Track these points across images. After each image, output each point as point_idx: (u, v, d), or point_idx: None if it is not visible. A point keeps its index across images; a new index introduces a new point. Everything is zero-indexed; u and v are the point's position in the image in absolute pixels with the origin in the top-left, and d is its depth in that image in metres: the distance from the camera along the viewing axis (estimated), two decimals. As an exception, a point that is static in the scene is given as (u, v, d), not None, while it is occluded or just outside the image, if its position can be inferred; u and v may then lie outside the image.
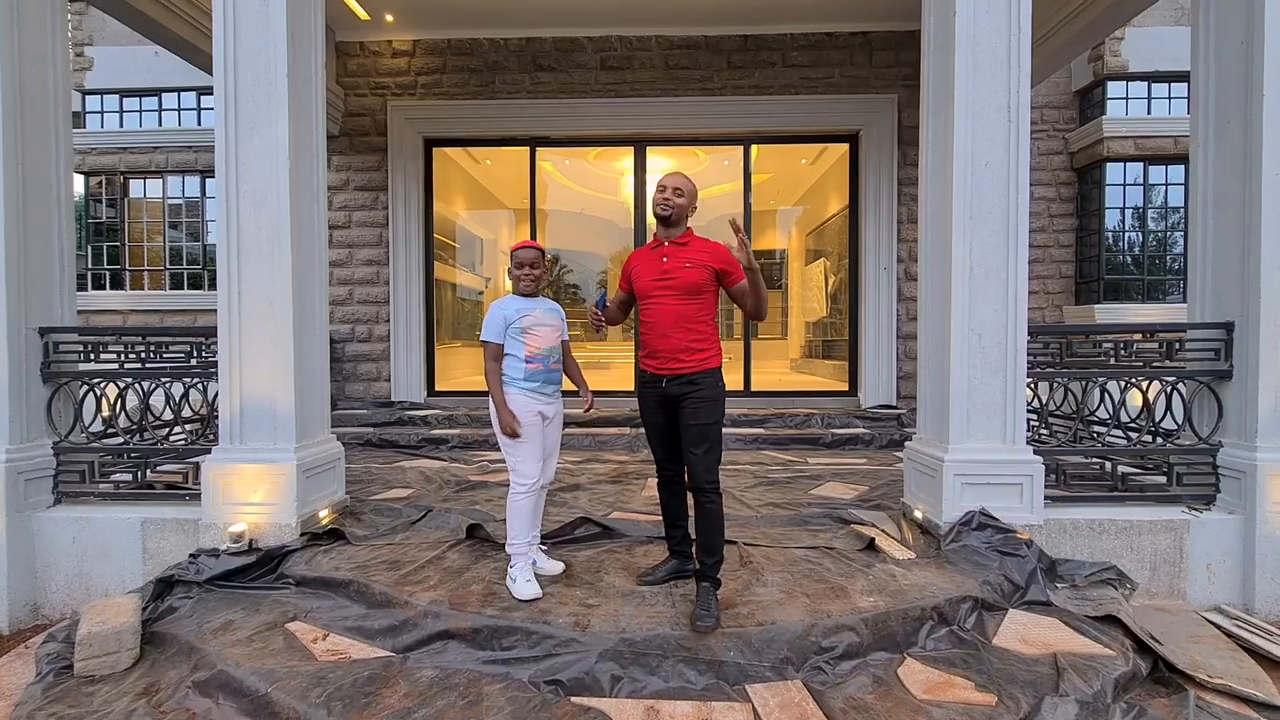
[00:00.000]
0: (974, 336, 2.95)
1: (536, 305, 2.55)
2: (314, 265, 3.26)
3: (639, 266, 2.48)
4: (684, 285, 2.35)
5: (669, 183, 2.40)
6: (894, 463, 4.81)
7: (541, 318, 2.54)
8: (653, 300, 2.40)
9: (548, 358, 2.53)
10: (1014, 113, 2.92)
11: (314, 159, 3.26)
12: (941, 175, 3.10)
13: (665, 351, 2.37)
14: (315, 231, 3.28)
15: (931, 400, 3.19)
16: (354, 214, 6.32)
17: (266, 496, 2.99)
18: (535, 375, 2.49)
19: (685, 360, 2.34)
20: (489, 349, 2.51)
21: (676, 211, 2.39)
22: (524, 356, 2.49)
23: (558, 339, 2.59)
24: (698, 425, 2.31)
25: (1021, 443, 2.95)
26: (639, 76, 6.16)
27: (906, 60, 6.06)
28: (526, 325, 2.51)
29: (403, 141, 6.24)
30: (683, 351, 2.34)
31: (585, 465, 4.72)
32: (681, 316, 2.35)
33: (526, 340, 2.50)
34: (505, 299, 2.56)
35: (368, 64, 6.28)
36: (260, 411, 3.03)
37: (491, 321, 2.51)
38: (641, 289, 2.45)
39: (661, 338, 2.37)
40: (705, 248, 2.40)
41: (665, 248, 2.42)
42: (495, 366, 2.51)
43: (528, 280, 2.51)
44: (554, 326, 2.57)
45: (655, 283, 2.39)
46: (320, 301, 3.31)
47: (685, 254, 2.38)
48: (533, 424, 2.48)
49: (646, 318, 2.43)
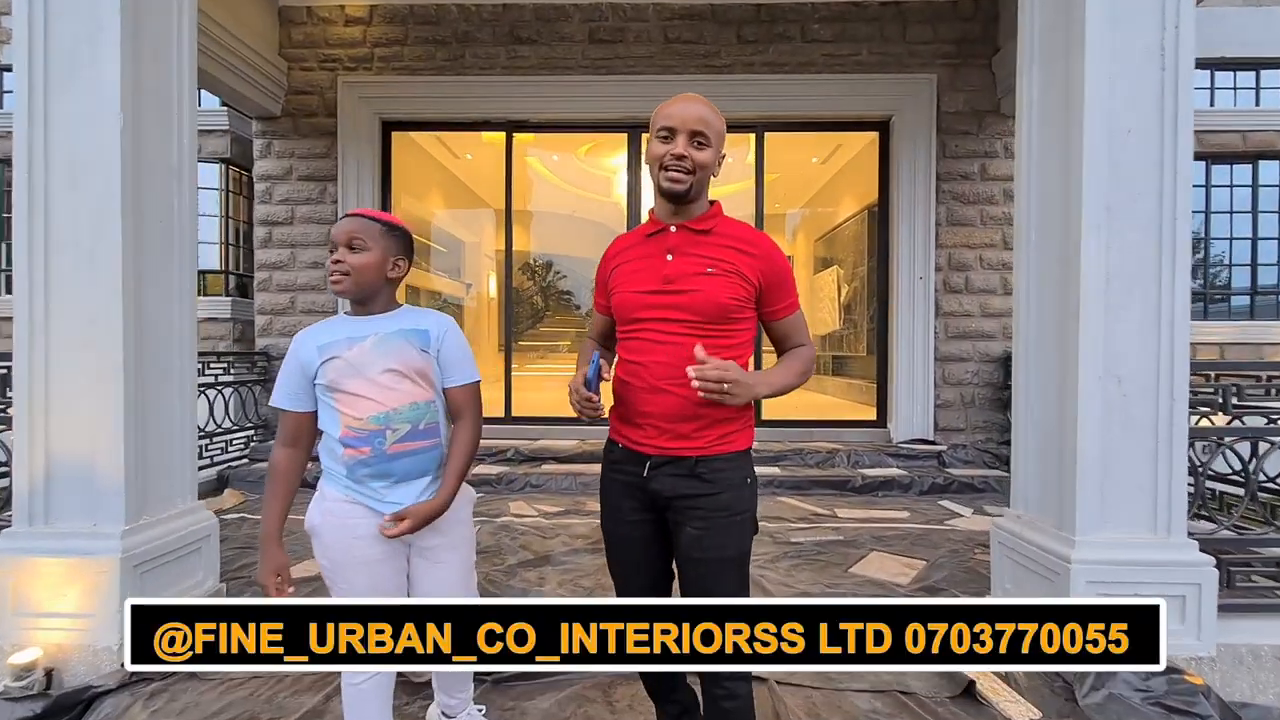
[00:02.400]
0: (1111, 381, 2.04)
1: (366, 330, 1.43)
2: (172, 268, 2.32)
3: (623, 266, 1.40)
4: (701, 305, 1.28)
5: (682, 117, 1.28)
6: (942, 516, 3.89)
7: (368, 357, 1.40)
8: (643, 328, 1.33)
9: (380, 436, 1.39)
10: (1170, 56, 2.02)
11: (173, 119, 2.33)
12: (1055, 151, 2.19)
13: (655, 415, 1.30)
14: (176, 222, 2.34)
15: (1038, 467, 2.27)
16: (297, 208, 5.38)
17: (78, 604, 2.04)
18: (360, 467, 1.40)
19: (690, 435, 1.29)
20: (280, 424, 1.48)
21: (698, 180, 1.30)
22: (337, 435, 1.40)
23: (410, 397, 1.42)
24: (710, 559, 1.26)
25: (1181, 533, 2.03)
26: (633, 51, 5.26)
27: (946, 35, 5.18)
28: (335, 378, 1.40)
29: (356, 124, 5.31)
30: (686, 419, 1.28)
31: (561, 521, 3.77)
32: (688, 355, 1.24)
33: (338, 403, 1.40)
34: (316, 325, 1.49)
35: (316, 33, 5.35)
36: (74, 479, 2.08)
37: (282, 371, 1.46)
38: (625, 306, 1.36)
39: (651, 392, 1.30)
40: (742, 238, 1.34)
41: (671, 236, 1.34)
42: (284, 458, 1.46)
43: (338, 276, 1.41)
44: (397, 371, 1.41)
45: (650, 297, 1.32)
46: (182, 318, 2.37)
47: (707, 249, 1.32)
48: (353, 551, 1.39)
49: (629, 354, 1.36)
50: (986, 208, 5.19)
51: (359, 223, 1.45)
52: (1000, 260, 5.18)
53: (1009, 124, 5.18)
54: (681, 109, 1.31)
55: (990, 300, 5.19)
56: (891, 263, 5.32)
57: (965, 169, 5.19)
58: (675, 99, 1.34)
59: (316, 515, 1.44)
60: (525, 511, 3.95)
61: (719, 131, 1.34)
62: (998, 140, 5.18)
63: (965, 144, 5.18)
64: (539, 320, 11.60)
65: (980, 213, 5.19)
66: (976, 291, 5.20)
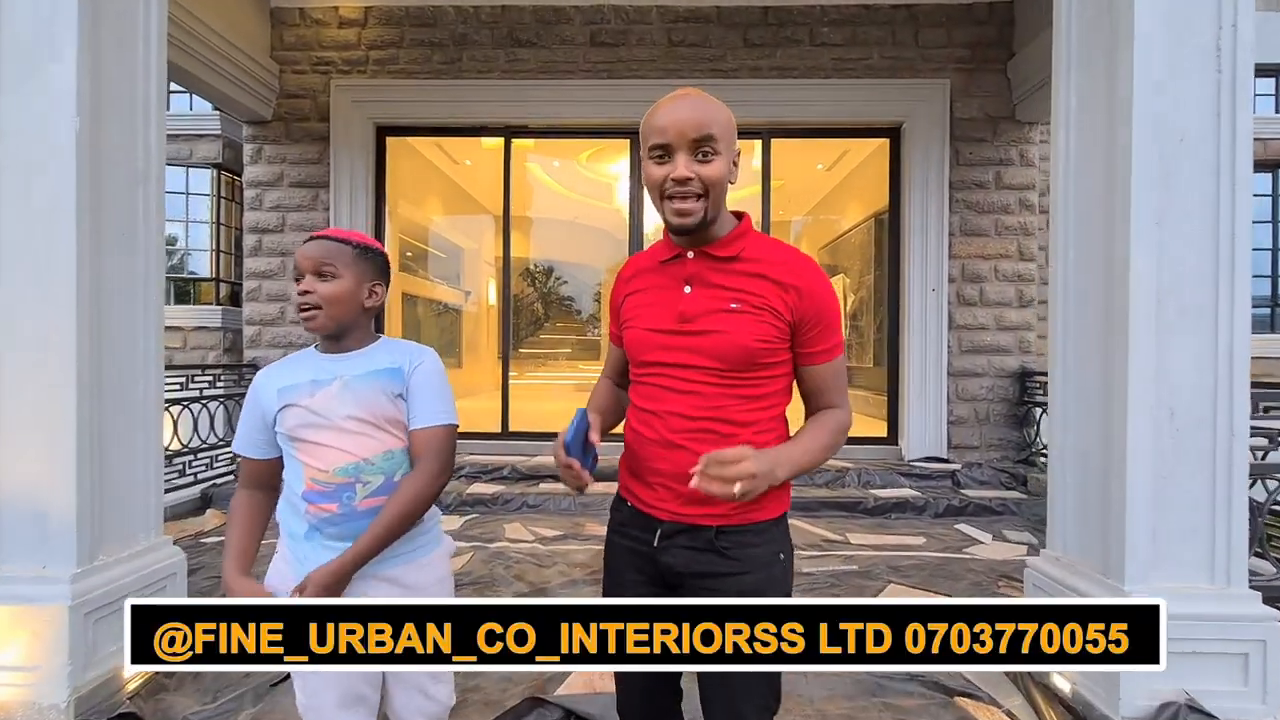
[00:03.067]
0: (1163, 413, 1.85)
1: (333, 371, 1.25)
2: (136, 280, 2.14)
3: (636, 296, 1.18)
4: (723, 350, 1.06)
5: (677, 128, 1.03)
6: (960, 543, 3.70)
7: (333, 404, 1.22)
8: (657, 372, 1.12)
9: (349, 490, 1.21)
10: (1228, 57, 1.84)
11: (139, 118, 2.15)
12: (1097, 159, 2.01)
13: (669, 475, 1.08)
14: (142, 230, 2.16)
15: (1077, 503, 2.08)
16: (289, 215, 5.21)
17: (23, 656, 1.84)
18: (327, 525, 1.21)
19: (710, 500, 1.03)
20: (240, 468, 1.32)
21: (712, 201, 1.06)
22: (300, 490, 1.22)
23: (384, 445, 1.23)
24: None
25: (1242, 582, 1.84)
26: (636, 54, 5.09)
27: (959, 39, 5.02)
28: (295, 425, 1.22)
29: (349, 128, 5.14)
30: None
31: (559, 547, 3.58)
32: (712, 410, 1.07)
33: (300, 453, 1.22)
34: (280, 362, 1.31)
35: (309, 35, 5.19)
36: (21, 517, 1.89)
37: (243, 413, 1.30)
38: (637, 345, 1.15)
39: (664, 447, 1.09)
40: (776, 264, 1.08)
41: (688, 264, 1.11)
42: (244, 501, 1.28)
43: (309, 311, 1.22)
44: (366, 419, 1.23)
45: (664, 337, 1.10)
46: (148, 336, 2.19)
47: (732, 278, 1.08)
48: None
49: (641, 400, 1.15)
50: (1001, 217, 5.01)
51: (328, 246, 1.25)
52: (1015, 272, 5.00)
53: (1024, 131, 5.02)
54: (673, 115, 1.02)
55: (1005, 313, 5.01)
56: (902, 274, 5.13)
57: (979, 177, 5.01)
58: (662, 103, 1.05)
59: (277, 583, 1.25)
60: (521, 536, 3.76)
61: (726, 130, 1.05)
62: (1013, 148, 5.01)
63: (979, 151, 5.01)
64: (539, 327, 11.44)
65: (995, 222, 5.01)
66: (991, 304, 5.01)
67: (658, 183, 1.06)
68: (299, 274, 1.24)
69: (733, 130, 1.08)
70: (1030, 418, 4.89)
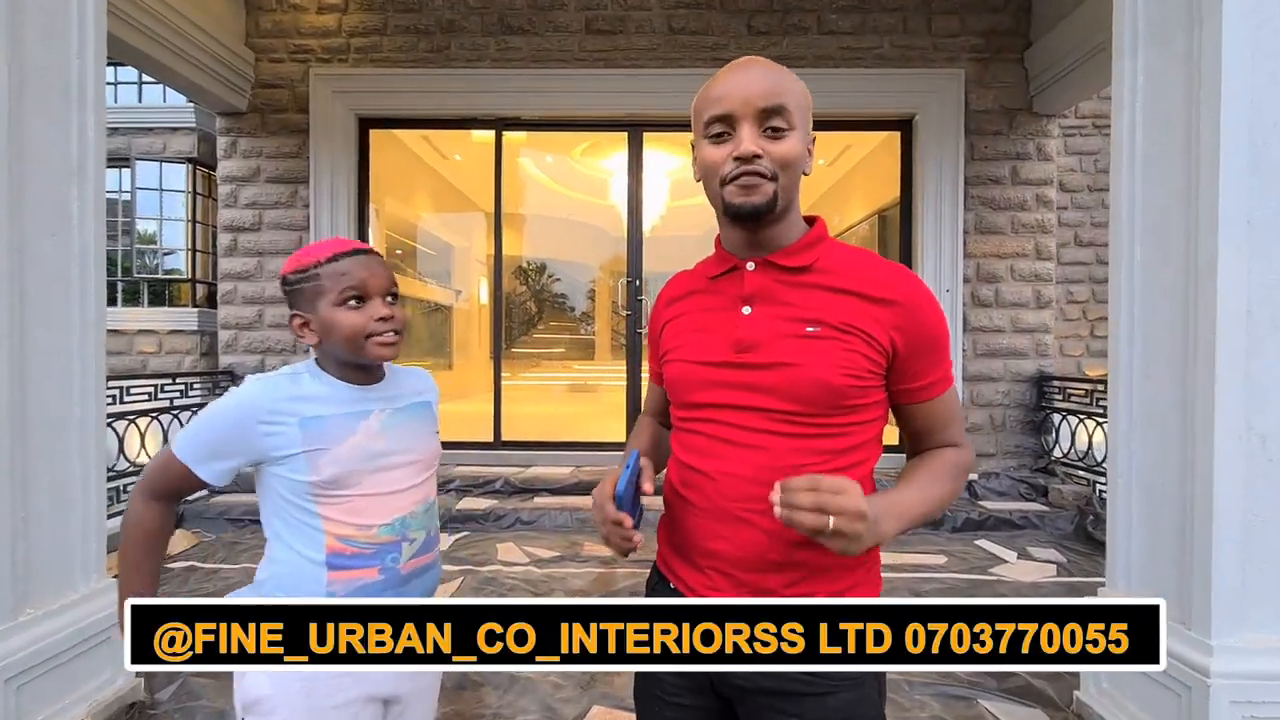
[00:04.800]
0: (1254, 440, 1.61)
1: (366, 401, 1.03)
2: (71, 293, 1.86)
3: (678, 321, 0.94)
4: (798, 387, 0.80)
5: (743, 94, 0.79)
6: (984, 562, 3.47)
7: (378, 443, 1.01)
8: (707, 417, 0.87)
9: (394, 550, 1.01)
10: (1329, 31, 1.60)
11: (73, 109, 1.87)
12: (1171, 150, 1.76)
13: (725, 558, 0.85)
14: (77, 235, 1.88)
15: (1147, 537, 1.84)
16: (265, 213, 4.91)
17: (-70, 733, 1.58)
18: (361, 596, 0.99)
19: (781, 591, 0.83)
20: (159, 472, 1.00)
21: (784, 185, 0.81)
22: (318, 555, 0.97)
23: (424, 493, 1.06)
24: None
25: (1346, 637, 1.61)
26: (634, 43, 4.82)
27: (974, 28, 4.78)
28: (338, 474, 0.97)
29: (330, 120, 4.84)
30: (774, 568, 0.83)
31: (555, 570, 3.32)
32: (783, 470, 0.78)
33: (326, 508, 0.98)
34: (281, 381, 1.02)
35: (286, 22, 4.88)
36: (-73, 568, 1.62)
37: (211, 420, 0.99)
38: (680, 383, 0.89)
39: (718, 520, 0.84)
40: (865, 276, 0.83)
41: (749, 277, 0.86)
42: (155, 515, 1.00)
43: (392, 338, 1.02)
44: (419, 461, 1.06)
45: (717, 371, 0.85)
46: (85, 356, 1.90)
47: (806, 295, 0.84)
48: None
49: (687, 455, 0.89)
50: (1018, 214, 4.78)
51: (387, 266, 1.06)
52: (1033, 271, 4.78)
53: (1042, 124, 4.79)
54: (739, 81, 0.80)
55: (1022, 315, 4.78)
56: (915, 272, 4.88)
57: (995, 172, 4.78)
58: (722, 71, 0.83)
59: (263, 680, 0.96)
60: (515, 558, 3.50)
61: (802, 104, 0.83)
62: (1030, 141, 4.78)
63: (995, 145, 4.77)
64: (532, 326, 11.21)
65: (1011, 219, 4.78)
66: (1007, 305, 4.79)
67: (715, 165, 0.82)
68: (364, 293, 1.01)
69: (809, 107, 0.85)
70: (1048, 424, 4.67)
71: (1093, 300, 6.72)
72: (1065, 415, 4.45)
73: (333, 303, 1.00)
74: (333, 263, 1.01)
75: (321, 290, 1.00)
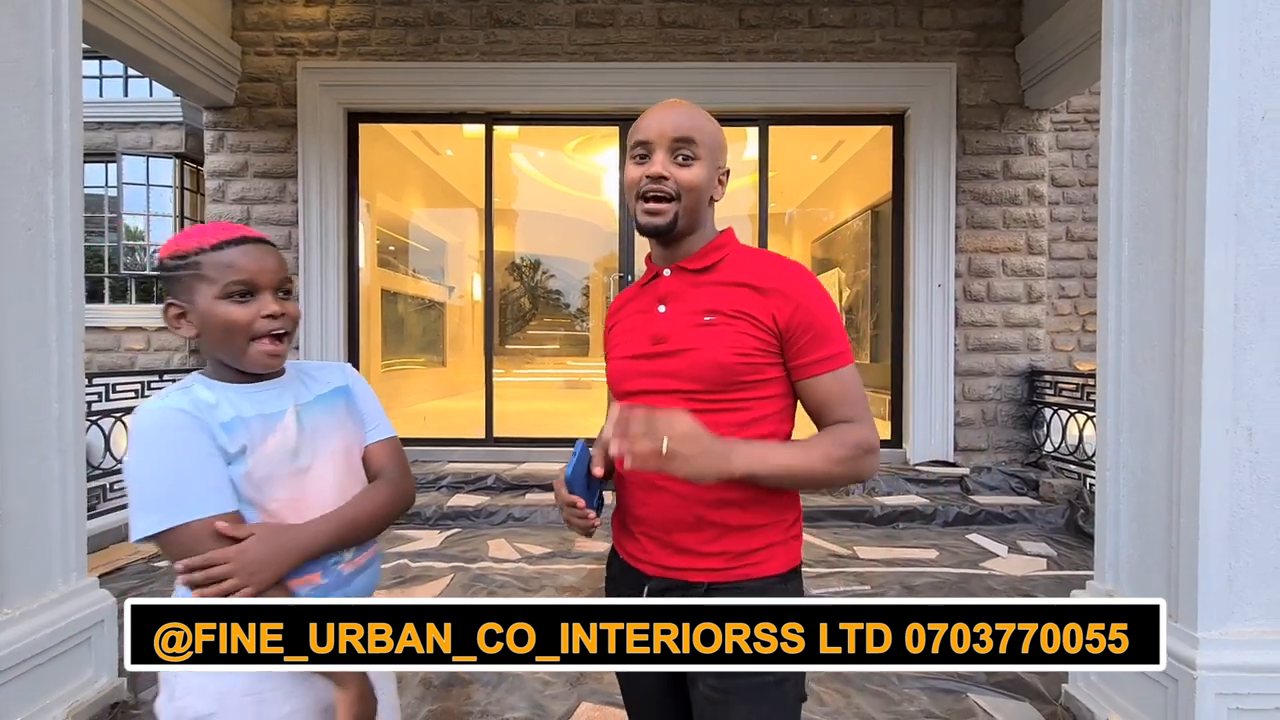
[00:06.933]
0: (1240, 433, 1.61)
1: (274, 400, 0.97)
2: (46, 289, 1.83)
3: (617, 327, 1.09)
4: (697, 368, 0.93)
5: (659, 127, 0.95)
6: (975, 556, 3.48)
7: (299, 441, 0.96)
8: (636, 400, 0.98)
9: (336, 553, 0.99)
10: (1317, 23, 1.59)
11: (47, 99, 1.84)
12: (1158, 142, 1.76)
13: (649, 521, 0.98)
14: (52, 229, 1.84)
15: (1134, 532, 1.84)
16: (254, 208, 4.86)
17: (-96, 736, 1.55)
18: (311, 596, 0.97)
19: (697, 550, 0.95)
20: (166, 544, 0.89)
21: (686, 205, 0.96)
22: None
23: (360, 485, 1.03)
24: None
25: (1331, 630, 1.61)
26: (625, 36, 4.79)
27: (965, 21, 4.76)
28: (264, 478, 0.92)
29: (318, 114, 4.79)
30: (688, 527, 0.94)
31: (547, 567, 3.31)
32: None
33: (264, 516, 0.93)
34: (178, 394, 0.91)
35: (273, 14, 4.83)
36: (-100, 569, 1.59)
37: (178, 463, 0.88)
38: (614, 376, 1.06)
39: (643, 489, 0.97)
40: (754, 270, 0.97)
41: (664, 282, 1.02)
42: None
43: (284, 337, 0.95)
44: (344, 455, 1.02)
45: (637, 363, 1.00)
46: (64, 352, 1.87)
47: (708, 291, 0.97)
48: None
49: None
50: (1009, 209, 4.78)
51: (279, 255, 0.98)
52: (1024, 266, 4.78)
53: (1033, 118, 4.78)
54: (658, 116, 0.97)
55: (1013, 310, 4.79)
56: (906, 268, 4.89)
57: (986, 167, 4.77)
58: (653, 108, 1.00)
59: (203, 699, 0.91)
60: (505, 554, 3.48)
61: (712, 140, 0.98)
62: (1021, 135, 4.78)
63: (986, 139, 4.76)
64: (526, 322, 11.17)
65: (1003, 214, 4.78)
66: (999, 300, 4.79)
67: (634, 183, 0.98)
68: (251, 287, 0.91)
69: (719, 144, 1.01)
70: (1039, 419, 4.68)
71: (1084, 295, 6.74)
72: (1056, 410, 4.46)
73: (215, 295, 0.90)
74: (217, 251, 0.90)
75: (203, 279, 0.90)
